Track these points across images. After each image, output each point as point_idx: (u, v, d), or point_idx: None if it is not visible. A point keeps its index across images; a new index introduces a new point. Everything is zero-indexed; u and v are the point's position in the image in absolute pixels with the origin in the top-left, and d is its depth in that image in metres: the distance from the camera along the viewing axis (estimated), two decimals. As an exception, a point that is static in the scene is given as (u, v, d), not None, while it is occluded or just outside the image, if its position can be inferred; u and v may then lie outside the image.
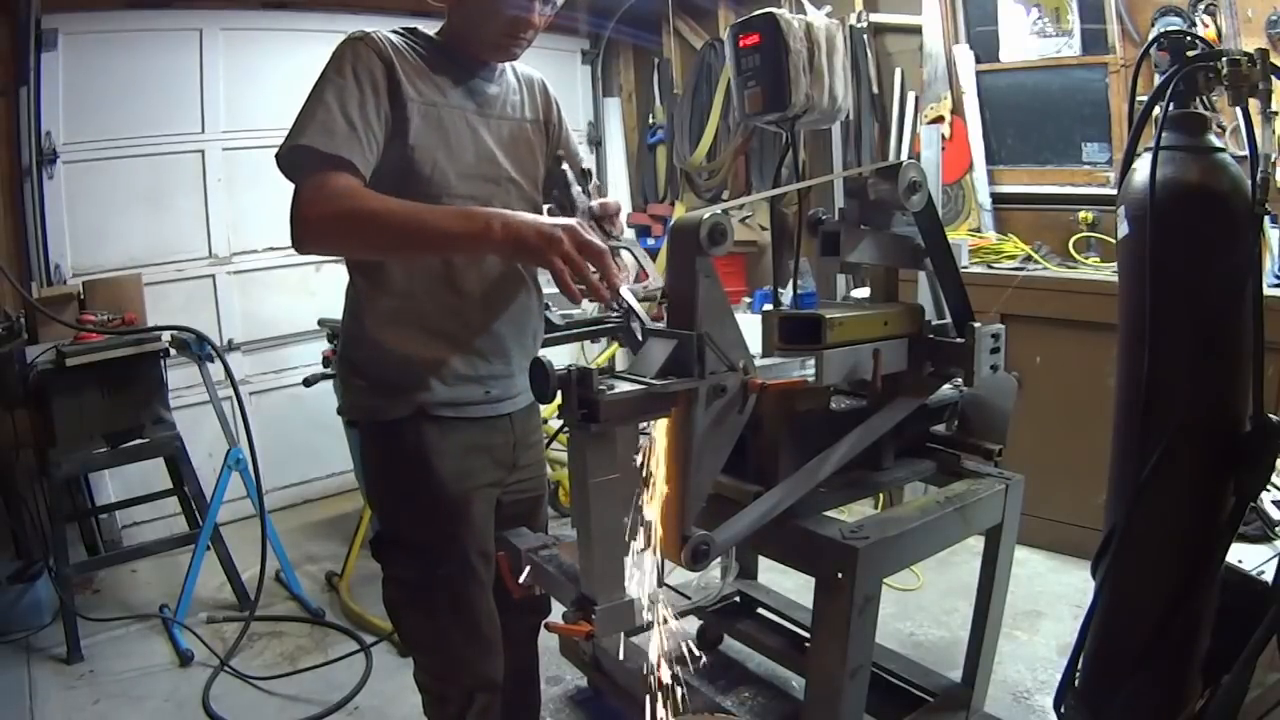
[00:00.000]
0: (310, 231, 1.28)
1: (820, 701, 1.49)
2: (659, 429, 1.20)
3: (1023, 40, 3.31)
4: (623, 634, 1.43)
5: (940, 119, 3.48)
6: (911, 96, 3.68)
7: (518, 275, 1.52)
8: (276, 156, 1.31)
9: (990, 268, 3.12)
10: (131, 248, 3.53)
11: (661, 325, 1.26)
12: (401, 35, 1.44)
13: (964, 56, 3.44)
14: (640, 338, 1.26)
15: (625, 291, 1.29)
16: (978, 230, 3.42)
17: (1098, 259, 3.06)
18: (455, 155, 1.43)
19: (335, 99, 1.30)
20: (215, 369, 2.99)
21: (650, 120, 4.87)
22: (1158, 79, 1.40)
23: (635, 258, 1.45)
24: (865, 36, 3.71)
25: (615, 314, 1.38)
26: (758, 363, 1.32)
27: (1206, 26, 2.78)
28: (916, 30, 3.58)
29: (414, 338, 1.44)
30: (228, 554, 2.92)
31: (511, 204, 1.52)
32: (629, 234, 1.36)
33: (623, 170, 5.05)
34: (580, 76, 4.91)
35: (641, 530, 1.21)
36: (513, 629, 1.65)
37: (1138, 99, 2.10)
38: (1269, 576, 1.50)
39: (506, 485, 1.61)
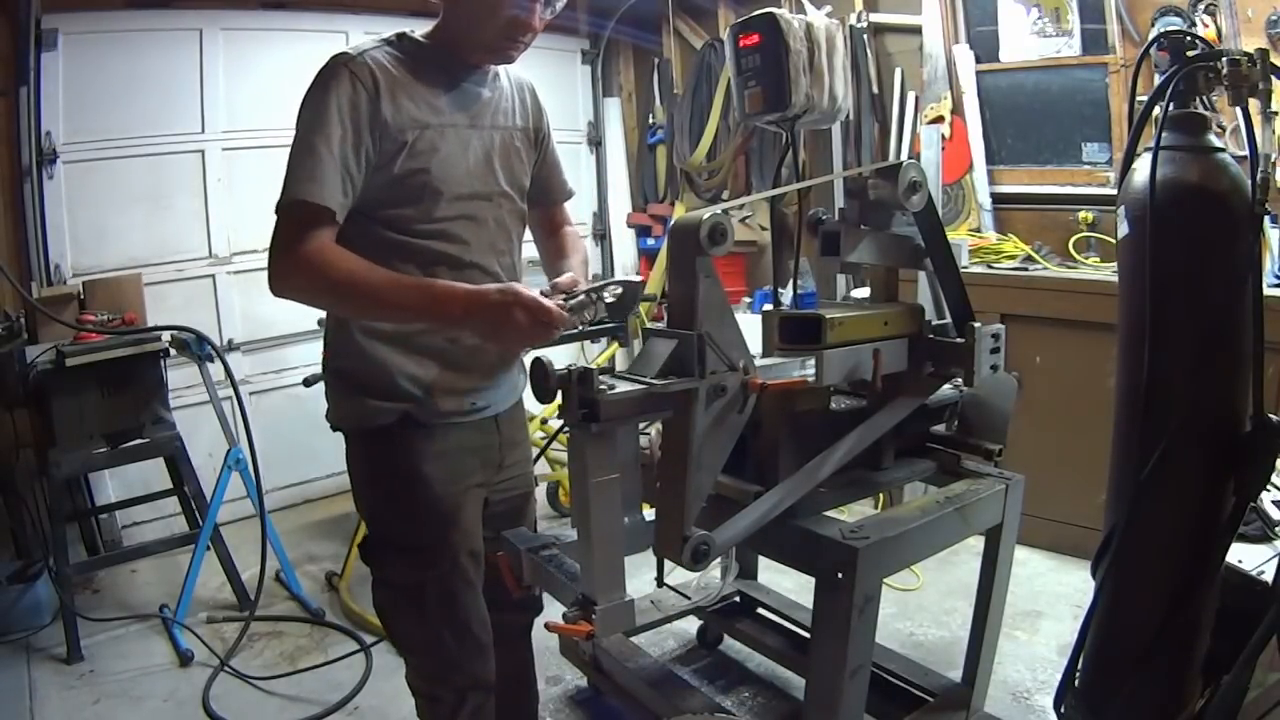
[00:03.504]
0: (279, 288, 1.34)
1: (820, 701, 1.49)
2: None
3: (1023, 40, 3.31)
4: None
5: (940, 119, 3.48)
6: (911, 96, 3.68)
7: None
8: (275, 207, 1.33)
9: (990, 268, 3.11)
10: (131, 248, 3.52)
11: (661, 325, 1.26)
12: (389, 48, 1.41)
13: (964, 56, 3.44)
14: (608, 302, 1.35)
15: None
16: (978, 230, 3.42)
17: (1098, 259, 3.06)
18: (446, 176, 1.42)
19: (319, 140, 1.30)
20: (215, 369, 2.99)
21: (650, 120, 4.87)
22: (1158, 79, 1.40)
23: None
24: (865, 36, 3.71)
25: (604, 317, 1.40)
26: (758, 363, 1.32)
27: (1206, 26, 2.78)
28: (916, 30, 3.58)
29: (400, 352, 1.44)
30: (228, 554, 2.92)
31: (503, 217, 1.53)
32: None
33: (623, 170, 5.04)
34: (580, 76, 4.91)
35: None
36: (505, 628, 1.65)
37: (1138, 99, 2.10)
38: (1269, 576, 1.50)
39: (494, 485, 1.61)
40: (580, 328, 1.36)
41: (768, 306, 1.58)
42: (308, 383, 3.07)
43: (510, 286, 1.30)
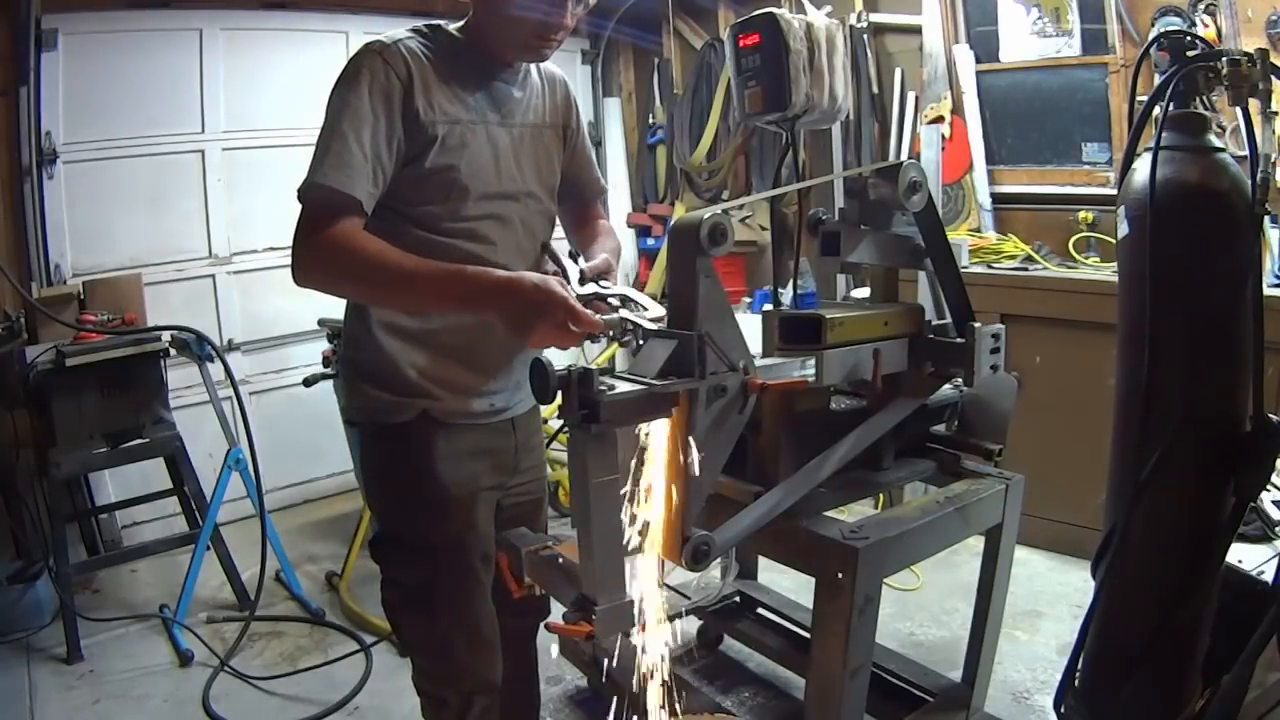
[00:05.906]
0: (305, 277, 1.30)
1: (820, 701, 1.49)
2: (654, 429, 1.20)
3: (1023, 40, 3.31)
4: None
5: (940, 119, 3.48)
6: (911, 96, 3.68)
7: None
8: (298, 190, 1.30)
9: (990, 268, 3.12)
10: (131, 248, 3.53)
11: (662, 326, 1.26)
12: (422, 39, 1.39)
13: (964, 56, 3.44)
14: (646, 326, 1.27)
15: (626, 289, 1.33)
16: (978, 230, 3.42)
17: (1098, 259, 3.06)
18: (474, 175, 1.39)
19: (350, 128, 1.27)
20: (215, 369, 2.99)
21: (650, 120, 4.87)
22: (1158, 79, 1.41)
23: (634, 299, 1.42)
24: (865, 36, 3.71)
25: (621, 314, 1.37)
26: (758, 363, 1.32)
27: (1206, 26, 2.78)
28: (916, 30, 3.58)
29: (418, 350, 1.43)
30: (228, 554, 2.92)
31: (530, 219, 1.50)
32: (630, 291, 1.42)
33: (623, 170, 5.04)
34: (580, 76, 4.91)
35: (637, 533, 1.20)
36: (512, 631, 1.64)
37: (1138, 99, 2.10)
38: (1269, 576, 1.50)
39: (507, 488, 1.60)
40: (606, 338, 1.33)
41: (768, 306, 1.58)
42: (308, 383, 3.07)
43: (547, 281, 1.23)
